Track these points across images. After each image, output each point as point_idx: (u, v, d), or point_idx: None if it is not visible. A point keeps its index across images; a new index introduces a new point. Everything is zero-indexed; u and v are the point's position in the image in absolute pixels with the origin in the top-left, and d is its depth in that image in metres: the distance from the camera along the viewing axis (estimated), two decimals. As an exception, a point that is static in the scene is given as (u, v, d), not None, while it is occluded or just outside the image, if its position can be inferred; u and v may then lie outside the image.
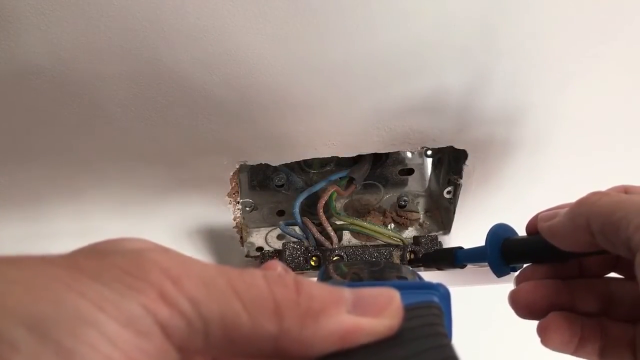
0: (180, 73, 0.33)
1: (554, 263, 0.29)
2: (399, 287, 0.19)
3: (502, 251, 0.31)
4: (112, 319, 0.14)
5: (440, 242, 0.49)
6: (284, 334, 0.16)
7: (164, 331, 0.15)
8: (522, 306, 0.28)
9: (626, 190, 0.25)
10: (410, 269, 0.27)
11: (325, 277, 0.28)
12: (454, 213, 0.47)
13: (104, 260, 0.15)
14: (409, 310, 0.18)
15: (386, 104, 0.37)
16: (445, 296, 0.21)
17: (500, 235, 0.32)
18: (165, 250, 0.17)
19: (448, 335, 0.19)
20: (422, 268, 0.45)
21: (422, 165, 0.53)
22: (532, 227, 0.29)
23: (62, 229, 0.44)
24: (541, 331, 0.27)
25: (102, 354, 0.13)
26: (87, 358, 0.13)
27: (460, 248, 0.39)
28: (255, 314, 0.16)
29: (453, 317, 0.22)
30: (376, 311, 0.17)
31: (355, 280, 0.27)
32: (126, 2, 0.30)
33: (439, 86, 0.37)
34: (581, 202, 0.24)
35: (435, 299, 0.20)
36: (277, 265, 0.22)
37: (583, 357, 0.27)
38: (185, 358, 0.16)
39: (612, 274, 0.29)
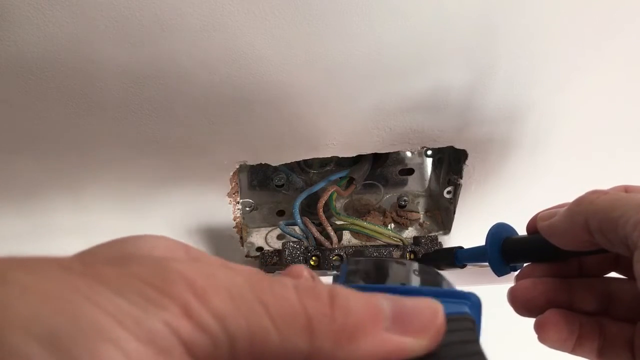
0: (180, 73, 0.33)
1: (554, 262, 0.29)
2: (430, 294, 0.17)
3: (502, 250, 0.31)
4: (132, 335, 0.13)
5: (440, 242, 0.49)
6: (315, 353, 0.15)
7: (187, 349, 0.14)
8: (521, 303, 0.28)
9: (626, 189, 0.25)
10: (441, 274, 0.25)
11: (348, 279, 0.25)
12: (454, 213, 0.47)
13: (125, 269, 0.14)
14: (447, 323, 0.16)
15: (386, 103, 0.37)
16: (477, 306, 0.20)
17: (500, 235, 0.32)
18: (190, 259, 0.16)
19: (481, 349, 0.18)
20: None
21: (422, 165, 0.53)
22: (532, 226, 0.29)
23: (62, 226, 0.44)
24: (538, 327, 0.27)
25: None
26: None
27: (460, 248, 0.39)
28: (285, 330, 0.15)
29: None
30: (417, 329, 0.16)
31: (391, 285, 0.24)
32: (127, 2, 0.30)
33: (439, 86, 0.37)
34: (580, 201, 0.24)
35: (467, 310, 0.19)
36: (303, 271, 0.20)
37: (581, 356, 0.27)
38: None
39: (612, 274, 0.29)
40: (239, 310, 0.14)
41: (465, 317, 0.18)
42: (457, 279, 0.41)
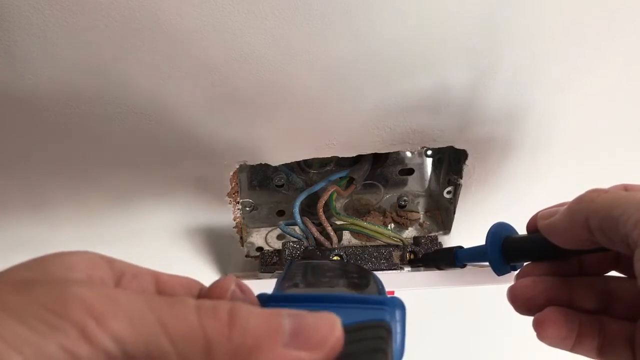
0: (180, 73, 0.33)
1: (554, 261, 0.29)
2: (346, 301, 0.18)
3: (503, 250, 0.31)
4: None
5: (440, 242, 0.49)
6: None
7: None
8: (520, 301, 0.28)
9: (626, 188, 0.25)
10: (374, 277, 0.26)
11: (286, 277, 0.27)
12: (454, 213, 0.47)
13: (27, 296, 0.15)
14: (352, 332, 0.17)
15: (387, 103, 0.37)
16: (400, 311, 0.20)
17: (500, 234, 0.32)
18: (94, 283, 0.16)
19: (396, 354, 0.19)
20: (422, 268, 0.45)
21: (422, 165, 0.53)
22: (533, 225, 0.29)
23: (62, 228, 0.44)
24: (537, 325, 0.27)
25: None
26: None
27: (460, 248, 0.39)
28: (184, 351, 0.15)
29: (439, 321, 0.21)
30: (314, 344, 0.16)
31: (305, 293, 0.25)
32: (127, 2, 0.30)
33: (440, 85, 0.37)
34: (580, 199, 0.24)
35: (386, 316, 0.19)
36: (231, 284, 0.20)
37: (581, 354, 0.27)
38: None
39: (613, 272, 0.29)
40: (139, 332, 0.15)
41: (378, 324, 0.19)
42: (457, 279, 0.41)
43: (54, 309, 0.15)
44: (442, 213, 0.51)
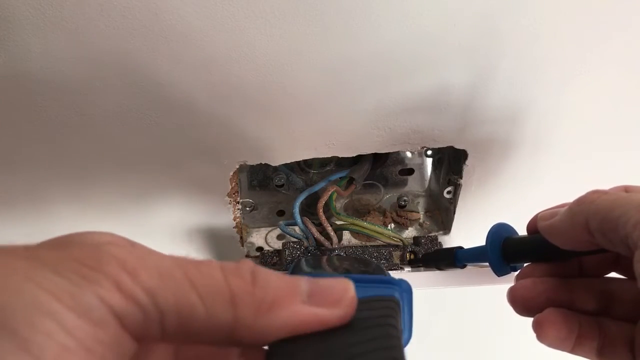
0: (180, 73, 0.33)
1: (554, 262, 0.29)
2: (358, 280, 0.19)
3: (503, 250, 0.31)
4: (68, 309, 0.14)
5: (440, 242, 0.49)
6: (238, 323, 0.16)
7: (119, 321, 0.15)
8: (520, 302, 0.28)
9: (626, 189, 0.25)
10: (380, 265, 0.28)
11: (295, 271, 0.28)
12: (454, 213, 0.47)
13: (63, 252, 0.16)
14: (364, 303, 0.19)
15: (387, 103, 0.37)
16: (407, 291, 0.22)
17: (500, 235, 0.32)
18: (125, 244, 0.17)
19: (405, 328, 0.20)
20: (422, 268, 0.45)
21: (422, 165, 0.53)
22: (533, 226, 0.29)
23: (62, 227, 0.44)
24: (536, 326, 0.27)
25: (58, 342, 0.14)
26: (44, 347, 0.14)
27: (460, 248, 0.39)
28: (211, 304, 0.16)
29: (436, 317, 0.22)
30: (330, 302, 0.18)
31: (320, 273, 0.27)
32: (127, 3, 0.30)
33: (441, 85, 0.37)
34: (580, 201, 0.24)
35: (395, 294, 0.21)
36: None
37: (581, 355, 0.27)
38: (144, 347, 0.17)
39: (613, 274, 0.29)
40: (168, 286, 0.16)
41: (390, 299, 0.20)
42: (457, 279, 0.41)
43: (88, 264, 0.15)
44: (442, 213, 0.51)
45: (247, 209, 0.51)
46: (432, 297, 0.57)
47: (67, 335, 0.14)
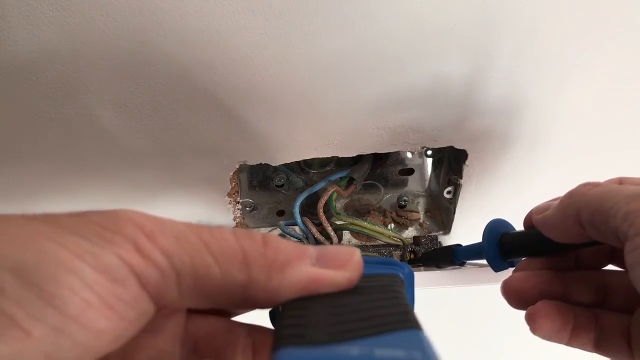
0: (180, 73, 0.34)
1: (550, 256, 0.29)
2: (366, 262, 0.20)
3: (499, 246, 0.31)
4: (90, 266, 0.15)
5: (440, 242, 0.49)
6: (252, 283, 0.17)
7: (139, 280, 0.16)
8: (513, 294, 0.28)
9: (621, 181, 0.25)
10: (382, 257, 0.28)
11: None
12: (454, 213, 0.48)
13: (82, 217, 0.17)
14: (371, 277, 0.20)
15: (386, 100, 0.37)
16: (409, 275, 0.22)
17: (497, 230, 0.32)
18: (141, 212, 0.18)
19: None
20: (422, 268, 0.45)
21: (422, 165, 0.53)
22: (529, 221, 0.29)
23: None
24: (529, 318, 0.27)
25: (80, 297, 0.15)
26: (67, 301, 0.14)
27: (459, 245, 0.39)
28: (225, 265, 0.17)
29: (429, 317, 0.23)
30: (338, 264, 0.19)
31: None
32: (127, 2, 0.30)
33: (439, 80, 0.37)
34: (572, 193, 0.24)
35: (398, 272, 0.22)
36: None
37: (578, 347, 0.27)
38: (160, 311, 0.18)
39: (610, 267, 0.29)
40: (185, 248, 0.17)
41: (395, 276, 0.21)
42: (457, 279, 0.41)
43: (107, 227, 0.16)
44: (442, 213, 0.51)
45: (247, 209, 0.51)
46: (432, 296, 0.57)
47: (90, 291, 0.15)
